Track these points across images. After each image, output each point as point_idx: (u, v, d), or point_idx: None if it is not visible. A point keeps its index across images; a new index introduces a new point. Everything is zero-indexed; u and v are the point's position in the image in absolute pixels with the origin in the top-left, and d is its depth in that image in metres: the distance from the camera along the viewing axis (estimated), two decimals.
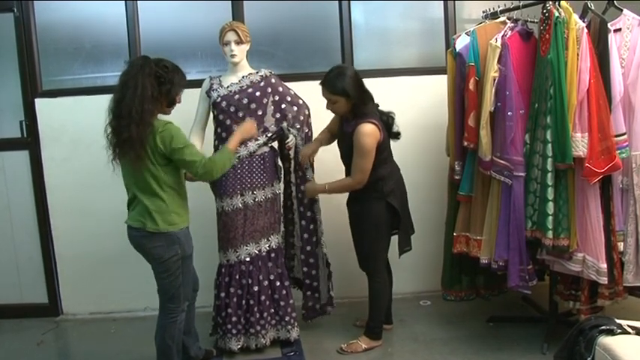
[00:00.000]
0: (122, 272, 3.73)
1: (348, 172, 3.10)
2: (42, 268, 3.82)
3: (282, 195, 3.29)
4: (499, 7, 3.15)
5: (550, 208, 2.78)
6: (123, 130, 2.44)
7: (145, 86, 2.45)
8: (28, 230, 3.79)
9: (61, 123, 3.69)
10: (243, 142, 3.06)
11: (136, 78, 2.46)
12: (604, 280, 2.78)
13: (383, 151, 3.01)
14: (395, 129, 3.12)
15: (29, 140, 3.73)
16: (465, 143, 3.05)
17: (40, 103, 3.69)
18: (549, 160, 2.76)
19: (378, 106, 3.09)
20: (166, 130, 2.52)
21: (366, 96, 2.98)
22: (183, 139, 2.57)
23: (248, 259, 3.12)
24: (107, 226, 3.60)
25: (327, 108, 3.04)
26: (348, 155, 3.04)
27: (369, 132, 2.91)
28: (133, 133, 2.43)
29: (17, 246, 3.81)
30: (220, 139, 3.13)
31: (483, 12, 3.30)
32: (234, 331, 3.11)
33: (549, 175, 2.77)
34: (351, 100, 2.93)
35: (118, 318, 3.80)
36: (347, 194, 3.22)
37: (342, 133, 3.10)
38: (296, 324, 3.22)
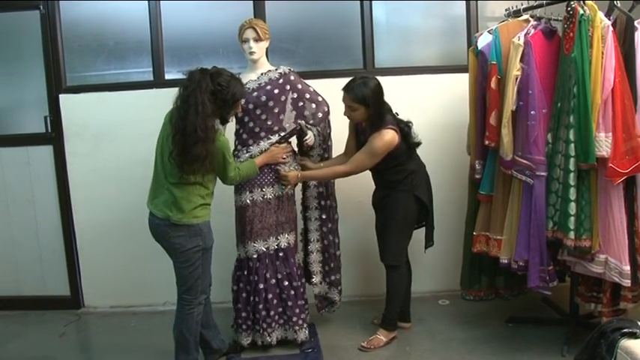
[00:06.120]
0: (143, 267, 3.78)
1: (376, 180, 3.20)
2: (64, 262, 3.89)
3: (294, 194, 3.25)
4: (522, 5, 3.12)
5: (572, 208, 2.74)
6: (191, 148, 2.52)
7: (204, 103, 2.53)
8: (51, 224, 3.86)
9: (84, 118, 3.74)
10: (256, 142, 3.08)
11: (195, 95, 2.53)
12: (627, 282, 2.74)
13: (398, 157, 3.05)
14: (414, 138, 3.13)
15: (53, 135, 3.79)
16: (487, 142, 3.02)
17: (64, 99, 3.74)
18: (572, 160, 2.72)
19: (397, 114, 3.13)
20: (222, 143, 2.67)
21: (383, 109, 3.04)
22: (230, 152, 2.76)
23: (255, 255, 3.10)
24: (129, 221, 3.65)
25: (345, 114, 3.10)
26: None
27: (386, 139, 2.98)
28: (203, 152, 2.53)
29: (41, 239, 3.88)
30: (239, 137, 3.13)
31: (506, 10, 3.27)
32: (244, 327, 3.13)
33: (572, 175, 2.73)
34: (370, 110, 2.98)
35: (138, 312, 3.85)
36: (373, 188, 3.26)
37: (362, 144, 3.14)
38: (305, 325, 3.19)
